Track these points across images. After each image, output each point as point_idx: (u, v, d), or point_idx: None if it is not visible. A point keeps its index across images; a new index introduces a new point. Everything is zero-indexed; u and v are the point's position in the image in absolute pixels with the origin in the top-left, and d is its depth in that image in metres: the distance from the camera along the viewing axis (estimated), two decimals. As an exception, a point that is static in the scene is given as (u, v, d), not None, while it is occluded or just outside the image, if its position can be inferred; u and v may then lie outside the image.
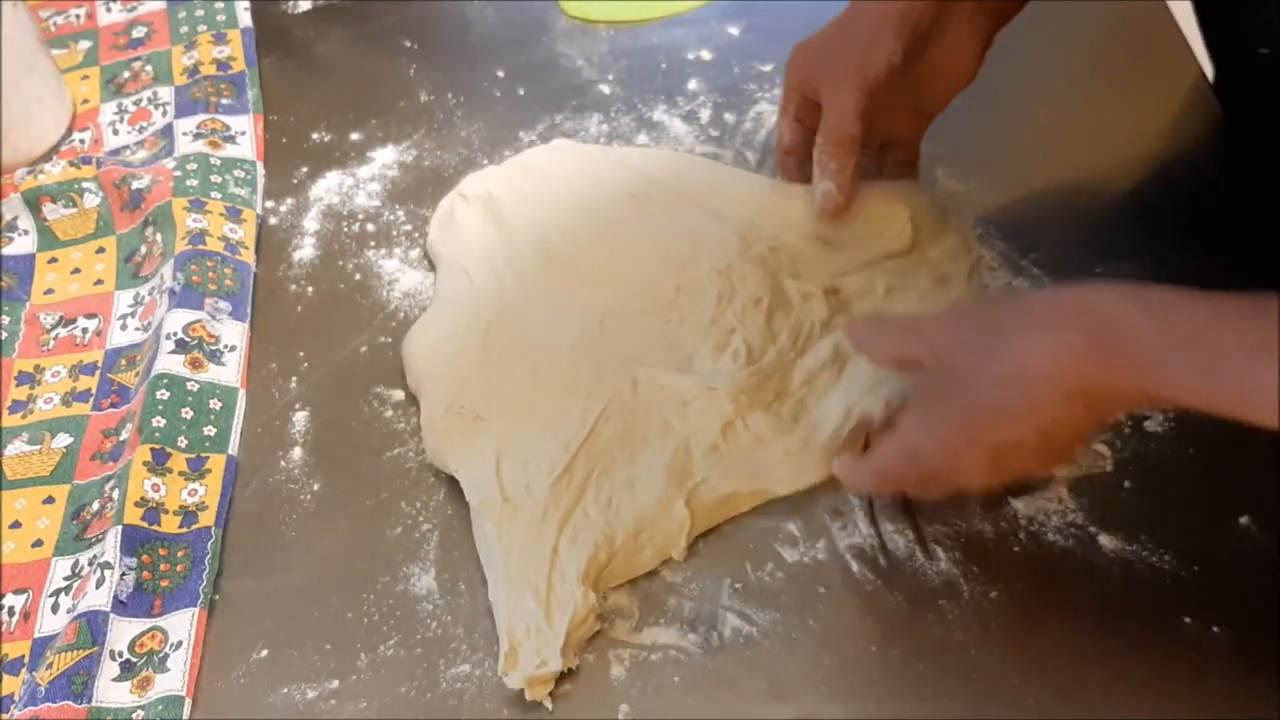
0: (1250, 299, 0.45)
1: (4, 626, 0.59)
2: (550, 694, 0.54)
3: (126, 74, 0.87)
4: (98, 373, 0.70)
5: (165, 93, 0.85)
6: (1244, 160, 0.73)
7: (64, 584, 0.60)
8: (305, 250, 0.76)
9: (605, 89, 0.83)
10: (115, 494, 0.61)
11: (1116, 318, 0.48)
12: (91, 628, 0.56)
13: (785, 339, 0.64)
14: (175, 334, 0.68)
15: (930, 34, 0.65)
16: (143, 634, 0.57)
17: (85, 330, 0.72)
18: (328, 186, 0.79)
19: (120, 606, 0.57)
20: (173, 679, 0.56)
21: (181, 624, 0.58)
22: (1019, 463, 0.53)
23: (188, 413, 0.65)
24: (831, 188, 0.66)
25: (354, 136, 0.82)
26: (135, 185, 0.76)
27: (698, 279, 0.66)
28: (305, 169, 0.81)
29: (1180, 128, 0.77)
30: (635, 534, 0.58)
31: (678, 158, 0.76)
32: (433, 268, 0.73)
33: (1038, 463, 0.54)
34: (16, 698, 0.56)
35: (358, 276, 0.74)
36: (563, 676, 0.55)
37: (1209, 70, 0.79)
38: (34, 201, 0.77)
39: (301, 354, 0.70)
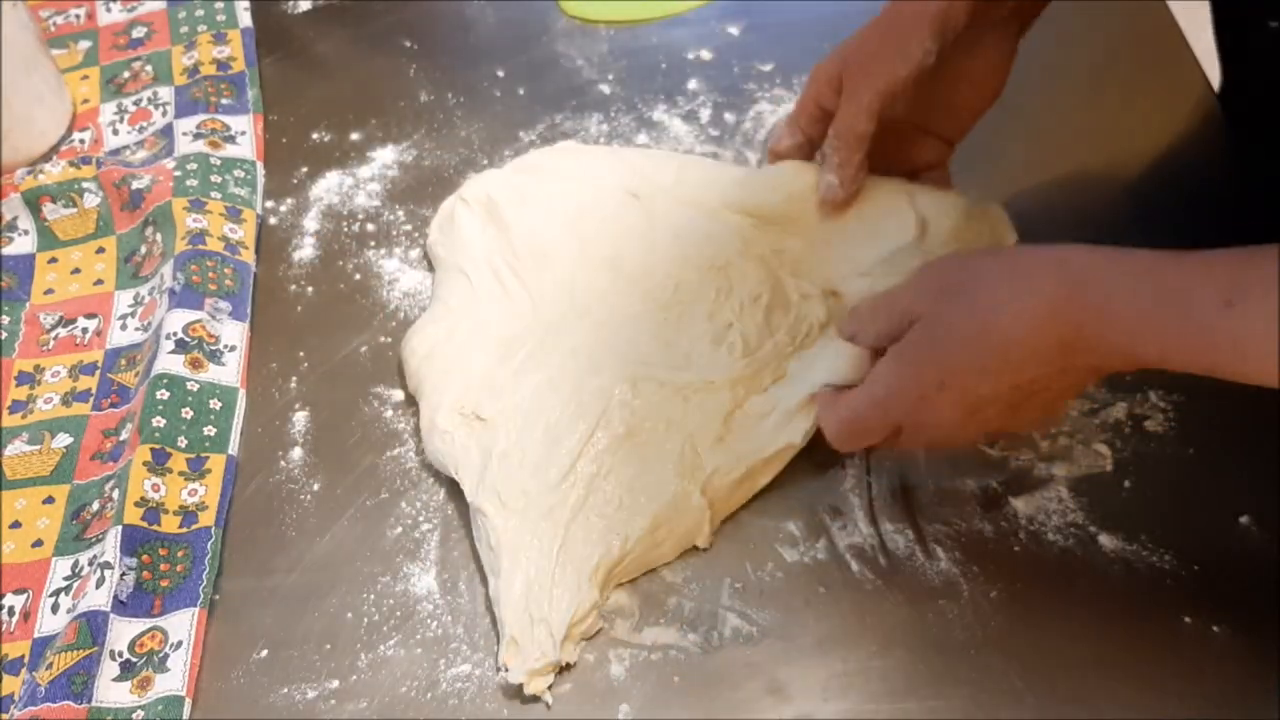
0: (1222, 254, 0.45)
1: (4, 626, 0.59)
2: (550, 692, 0.54)
3: (126, 74, 0.87)
4: (98, 373, 0.70)
5: (165, 93, 0.85)
6: (1245, 163, 0.73)
7: (64, 584, 0.60)
8: (305, 250, 0.76)
9: (605, 89, 0.83)
10: (115, 494, 0.61)
11: (1094, 272, 0.47)
12: (91, 628, 0.56)
13: (784, 334, 0.64)
14: (175, 334, 0.68)
15: (962, 41, 0.62)
16: (143, 634, 0.57)
17: (85, 330, 0.72)
18: (328, 186, 0.79)
19: (120, 606, 0.57)
20: (173, 679, 0.56)
21: (181, 624, 0.58)
22: (997, 419, 0.52)
23: (188, 413, 0.65)
24: (834, 181, 0.65)
25: (354, 136, 0.82)
26: (135, 185, 0.76)
27: (695, 277, 0.66)
28: (305, 169, 0.81)
29: (1182, 130, 0.77)
30: (652, 530, 0.58)
31: (678, 157, 0.76)
32: (433, 268, 0.73)
33: (1014, 419, 0.53)
34: (16, 698, 0.56)
35: (358, 276, 0.74)
36: (562, 676, 0.55)
37: (1210, 72, 0.79)
38: (34, 201, 0.77)
39: (301, 354, 0.70)
